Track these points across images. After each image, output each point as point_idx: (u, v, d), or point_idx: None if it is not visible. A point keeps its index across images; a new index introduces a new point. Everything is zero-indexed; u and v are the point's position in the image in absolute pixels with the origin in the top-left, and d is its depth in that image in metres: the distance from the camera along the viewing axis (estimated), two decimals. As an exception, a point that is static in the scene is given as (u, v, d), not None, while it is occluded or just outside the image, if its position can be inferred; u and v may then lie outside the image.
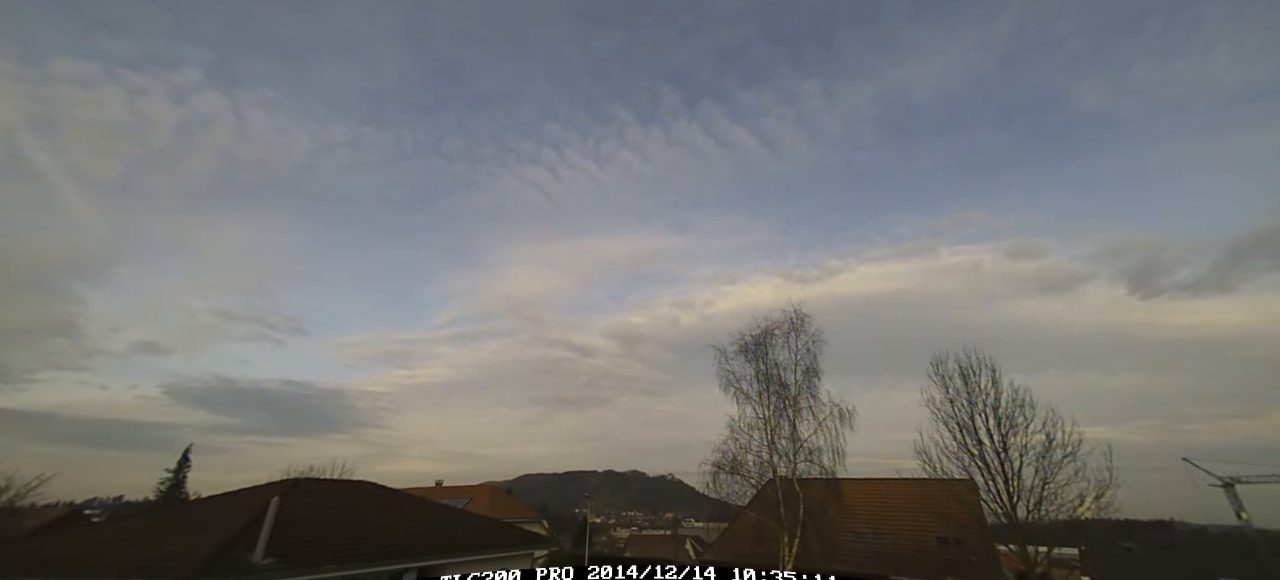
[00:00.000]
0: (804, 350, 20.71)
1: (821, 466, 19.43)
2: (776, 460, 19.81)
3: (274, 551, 11.57)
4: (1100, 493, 17.06)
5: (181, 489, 47.77)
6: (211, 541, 11.91)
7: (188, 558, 11.27)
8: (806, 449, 19.63)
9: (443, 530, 17.69)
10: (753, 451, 20.31)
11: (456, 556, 16.34)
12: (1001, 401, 18.73)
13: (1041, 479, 17.47)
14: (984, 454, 18.53)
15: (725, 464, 20.37)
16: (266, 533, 11.70)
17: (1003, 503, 18.08)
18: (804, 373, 20.42)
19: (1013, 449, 18.12)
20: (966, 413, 19.23)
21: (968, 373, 19.70)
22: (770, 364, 20.82)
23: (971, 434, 18.93)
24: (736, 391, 21.05)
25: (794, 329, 21.00)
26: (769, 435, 20.06)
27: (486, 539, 18.64)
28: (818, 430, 19.64)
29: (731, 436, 20.67)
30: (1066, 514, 17.43)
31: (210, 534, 12.60)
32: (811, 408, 19.98)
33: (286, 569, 11.60)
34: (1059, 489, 17.29)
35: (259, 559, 11.19)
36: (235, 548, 11.56)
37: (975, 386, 19.37)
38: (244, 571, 10.90)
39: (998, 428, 18.49)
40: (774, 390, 20.45)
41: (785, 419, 20.06)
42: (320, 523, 14.51)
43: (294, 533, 13.00)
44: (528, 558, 20.58)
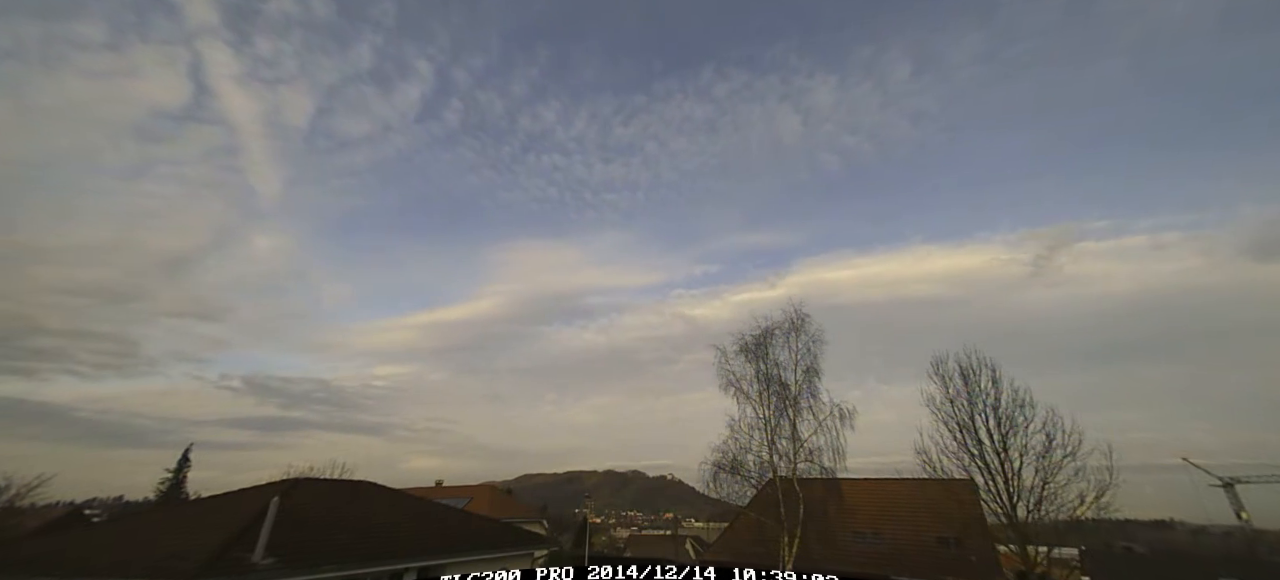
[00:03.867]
0: (804, 350, 20.76)
1: (821, 466, 19.45)
2: (776, 460, 19.80)
3: (274, 551, 11.58)
4: (1100, 493, 17.06)
5: (181, 489, 47.70)
6: (211, 541, 11.93)
7: (188, 558, 11.29)
8: (806, 449, 19.65)
9: (443, 530, 17.70)
10: (753, 451, 20.34)
11: (456, 556, 16.36)
12: (1001, 401, 18.74)
13: (1041, 479, 17.47)
14: (984, 454, 18.53)
15: (725, 464, 20.37)
16: (266, 533, 11.70)
17: (1003, 503, 18.08)
18: (804, 373, 20.45)
19: (1013, 449, 18.12)
20: (966, 413, 19.24)
21: (968, 373, 19.70)
22: (770, 364, 20.84)
23: (971, 434, 18.93)
24: (737, 391, 21.08)
25: (794, 329, 21.03)
26: (769, 435, 20.06)
27: (486, 539, 18.66)
28: (818, 430, 19.66)
29: (731, 436, 20.71)
30: (1066, 514, 17.42)
31: (210, 534, 12.62)
32: (811, 408, 20.02)
33: (286, 569, 11.61)
34: (1059, 489, 17.30)
35: (259, 559, 11.20)
36: (235, 548, 11.57)
37: (975, 386, 19.37)
38: (244, 571, 10.91)
39: (998, 428, 18.49)
40: (774, 390, 20.46)
41: (785, 419, 20.06)
42: (320, 523, 14.52)
43: (294, 533, 13.02)
44: (528, 558, 20.60)
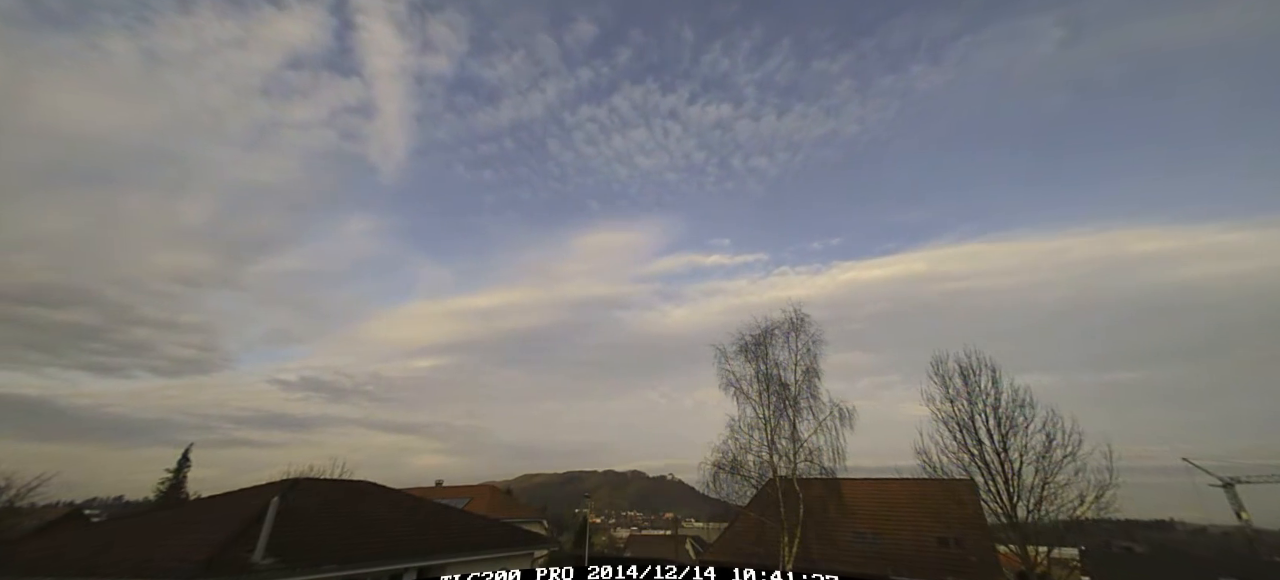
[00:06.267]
0: (804, 350, 20.75)
1: (821, 466, 19.45)
2: (776, 460, 19.80)
3: (274, 551, 11.57)
4: (1100, 493, 17.03)
5: (181, 489, 47.70)
6: (211, 541, 11.93)
7: (188, 558, 11.30)
8: (806, 449, 19.65)
9: (443, 530, 17.69)
10: (753, 451, 20.32)
11: (456, 556, 16.35)
12: (1001, 401, 18.70)
13: (1041, 479, 17.43)
14: (984, 454, 18.49)
15: (725, 464, 20.37)
16: (266, 533, 11.70)
17: (1003, 503, 18.05)
18: (804, 373, 20.44)
19: (1013, 449, 18.08)
20: (966, 413, 19.22)
21: (968, 373, 19.66)
22: (770, 364, 20.83)
23: (971, 434, 18.90)
24: (736, 391, 21.06)
25: (794, 329, 21.02)
26: (769, 435, 20.05)
27: (486, 539, 18.65)
28: (818, 430, 19.66)
29: (731, 436, 20.68)
30: (1066, 514, 17.40)
31: (210, 534, 12.62)
32: (811, 408, 20.01)
33: (286, 569, 11.61)
34: (1059, 489, 17.25)
35: (259, 559, 11.20)
36: (235, 548, 11.58)
37: (975, 386, 19.33)
38: (244, 571, 10.91)
39: (998, 428, 18.45)
40: (774, 390, 20.45)
41: (785, 419, 20.05)
42: (320, 523, 14.52)
43: (294, 533, 13.01)
44: (528, 558, 20.59)
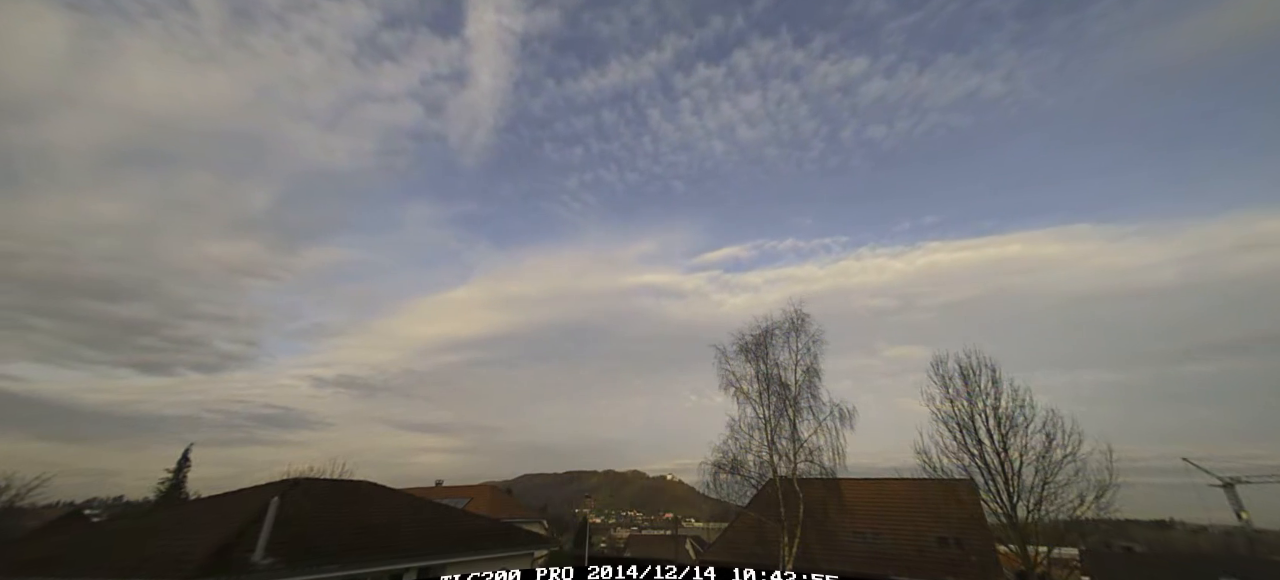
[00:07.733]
0: (804, 350, 20.72)
1: (821, 466, 19.44)
2: (776, 460, 19.80)
3: (274, 551, 11.57)
4: (1100, 493, 17.05)
5: (181, 489, 47.69)
6: (211, 541, 11.94)
7: (188, 558, 11.31)
8: (807, 449, 19.64)
9: (443, 530, 17.69)
10: (753, 451, 20.31)
11: (456, 556, 16.36)
12: (1002, 402, 18.72)
13: (1041, 479, 17.45)
14: (984, 454, 18.51)
15: (725, 464, 20.35)
16: (266, 533, 11.70)
17: (1003, 503, 18.07)
18: (804, 372, 20.41)
19: (1013, 449, 18.10)
20: (966, 413, 19.23)
21: (968, 373, 19.68)
22: (771, 364, 20.82)
23: (971, 434, 18.92)
24: (737, 391, 21.04)
25: (794, 329, 21.00)
26: (769, 435, 20.04)
27: (486, 539, 18.66)
28: (818, 430, 19.64)
29: (731, 436, 20.67)
30: (1066, 514, 17.43)
31: (210, 534, 12.63)
32: (811, 408, 19.98)
33: (286, 569, 11.61)
34: (1059, 489, 17.28)
35: (259, 559, 11.20)
36: (235, 548, 11.57)
37: (975, 387, 19.35)
38: (244, 571, 10.91)
39: (998, 428, 18.47)
40: (774, 390, 20.44)
41: (785, 419, 20.05)
42: (320, 523, 14.51)
43: (294, 533, 13.00)
44: (528, 558, 20.59)
